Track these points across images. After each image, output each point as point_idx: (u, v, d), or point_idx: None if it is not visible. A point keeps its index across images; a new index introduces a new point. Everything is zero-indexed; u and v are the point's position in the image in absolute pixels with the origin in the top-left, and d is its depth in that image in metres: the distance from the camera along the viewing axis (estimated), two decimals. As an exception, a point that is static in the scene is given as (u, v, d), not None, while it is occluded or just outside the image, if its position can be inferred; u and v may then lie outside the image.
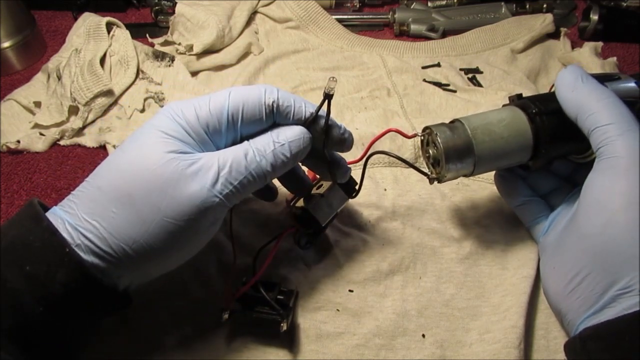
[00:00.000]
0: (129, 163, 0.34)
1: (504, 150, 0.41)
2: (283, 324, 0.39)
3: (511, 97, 0.44)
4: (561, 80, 0.41)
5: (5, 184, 0.55)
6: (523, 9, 0.77)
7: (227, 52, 0.68)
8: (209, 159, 0.34)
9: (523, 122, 0.41)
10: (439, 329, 0.43)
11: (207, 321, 0.42)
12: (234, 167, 0.34)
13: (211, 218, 0.35)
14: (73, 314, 0.33)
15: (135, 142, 0.35)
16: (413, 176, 0.53)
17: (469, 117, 0.42)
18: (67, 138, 0.59)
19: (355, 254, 0.47)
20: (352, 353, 0.41)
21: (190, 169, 0.33)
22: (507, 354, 0.41)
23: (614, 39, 0.74)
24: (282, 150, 0.36)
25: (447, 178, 0.41)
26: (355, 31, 0.74)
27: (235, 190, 0.35)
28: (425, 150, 0.43)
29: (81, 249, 0.32)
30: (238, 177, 0.34)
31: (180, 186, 0.33)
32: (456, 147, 0.40)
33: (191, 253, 0.37)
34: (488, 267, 0.46)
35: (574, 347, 0.36)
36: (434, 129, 0.41)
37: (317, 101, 0.38)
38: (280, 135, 0.36)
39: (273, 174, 0.36)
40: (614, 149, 0.36)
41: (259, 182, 0.36)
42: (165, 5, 0.75)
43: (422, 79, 0.65)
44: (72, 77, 0.60)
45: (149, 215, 0.33)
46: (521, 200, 0.46)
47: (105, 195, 0.33)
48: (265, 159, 0.35)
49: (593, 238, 0.37)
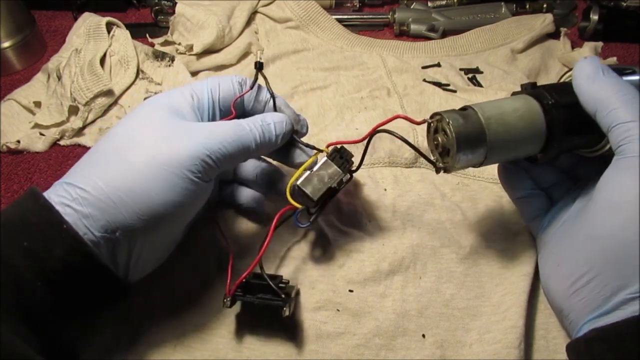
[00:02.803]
0: (125, 127, 0.37)
1: (517, 142, 0.39)
2: (285, 309, 0.39)
3: (524, 84, 0.42)
4: (579, 72, 0.38)
5: (5, 184, 0.55)
6: (523, 9, 0.77)
7: (227, 52, 0.68)
8: (203, 124, 0.38)
9: (538, 114, 0.39)
10: (439, 329, 0.43)
11: (207, 321, 0.42)
12: (227, 132, 0.38)
13: (202, 176, 0.36)
14: (72, 290, 0.33)
15: (129, 116, 0.39)
16: (413, 176, 0.53)
17: (482, 105, 0.39)
18: (67, 138, 0.59)
19: (355, 254, 0.47)
20: (352, 353, 0.41)
21: (185, 126, 0.37)
22: (507, 354, 0.41)
23: (614, 39, 0.74)
24: (269, 129, 0.40)
25: (456, 168, 0.39)
26: (355, 31, 0.74)
27: (223, 154, 0.37)
28: (433, 138, 0.40)
29: (78, 203, 0.33)
30: (228, 141, 0.37)
31: (174, 139, 0.36)
32: (468, 136, 0.37)
33: (185, 215, 0.38)
34: (488, 266, 0.46)
35: (578, 348, 0.36)
36: (446, 116, 0.38)
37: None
38: (267, 117, 0.41)
39: (258, 149, 0.40)
40: (635, 147, 0.35)
41: (244, 153, 0.39)
42: (165, 5, 0.75)
43: (422, 79, 0.65)
44: (72, 77, 0.60)
45: (144, 165, 0.35)
46: (523, 193, 0.45)
47: (102, 153, 0.36)
48: (253, 132, 0.39)
49: (607, 239, 0.35)
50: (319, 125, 0.58)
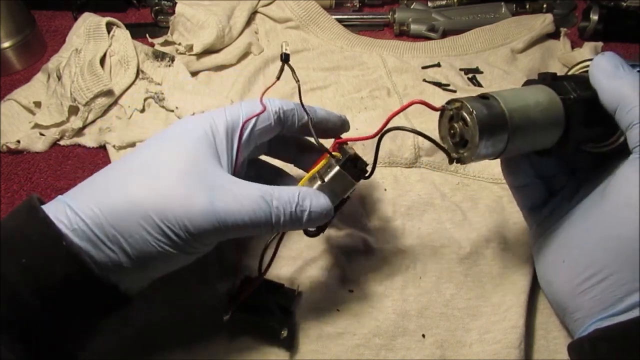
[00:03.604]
0: (147, 153, 0.35)
1: (536, 136, 0.37)
2: (283, 332, 0.39)
3: (543, 74, 0.40)
4: (598, 67, 0.37)
5: (5, 184, 0.55)
6: (523, 9, 0.77)
7: (227, 52, 0.68)
8: (228, 184, 0.35)
9: (559, 109, 0.37)
10: (439, 329, 0.43)
11: (207, 321, 0.42)
12: (251, 206, 0.34)
13: (204, 237, 0.34)
14: (70, 308, 0.32)
15: (158, 138, 0.36)
16: (413, 176, 0.53)
17: (503, 94, 0.36)
18: (67, 138, 0.59)
19: (355, 254, 0.47)
20: (352, 353, 0.41)
21: (208, 181, 0.34)
22: (507, 354, 0.41)
23: (614, 39, 0.74)
24: (300, 216, 0.36)
25: (472, 160, 0.36)
26: (355, 31, 0.74)
27: (235, 228, 0.34)
28: (449, 126, 0.37)
29: (77, 234, 0.32)
30: (248, 216, 0.34)
31: (189, 196, 0.33)
32: (490, 128, 0.35)
33: (181, 264, 0.36)
34: (488, 266, 0.46)
35: (582, 347, 0.35)
36: (468, 104, 0.35)
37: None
38: (306, 200, 0.36)
39: (277, 229, 0.36)
40: None
41: (260, 231, 0.35)
42: (165, 5, 0.75)
43: (422, 79, 0.65)
44: (72, 77, 0.60)
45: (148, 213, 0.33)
46: (524, 182, 0.43)
47: (111, 182, 0.34)
48: (279, 213, 0.35)
49: (624, 240, 0.34)
50: (319, 125, 0.58)
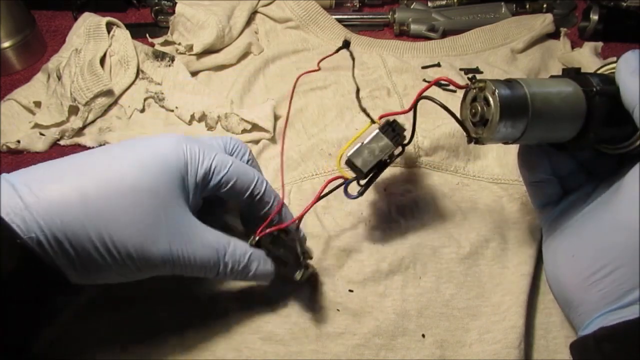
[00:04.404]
0: (120, 162, 0.35)
1: (556, 123, 0.37)
2: (298, 274, 0.40)
3: (567, 69, 0.41)
4: (625, 64, 0.37)
5: (5, 184, 0.55)
6: (523, 9, 0.77)
7: (227, 52, 0.68)
8: (190, 226, 0.37)
9: (581, 100, 0.38)
10: (439, 329, 0.43)
11: (207, 321, 0.42)
12: (204, 254, 0.37)
13: (153, 269, 0.36)
14: (18, 295, 0.32)
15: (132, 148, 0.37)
16: (413, 176, 0.53)
17: (526, 80, 0.37)
18: (67, 138, 0.59)
19: (355, 254, 0.47)
20: (352, 353, 0.41)
21: (167, 228, 0.35)
22: (507, 354, 0.41)
23: (614, 39, 0.74)
24: (245, 272, 0.39)
25: (491, 140, 0.37)
26: (355, 31, 0.74)
27: (185, 268, 0.37)
28: (471, 105, 0.38)
29: (31, 241, 0.31)
30: (199, 262, 0.37)
31: (148, 234, 0.34)
32: (512, 108, 0.35)
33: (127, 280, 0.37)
34: (488, 266, 0.47)
35: (586, 346, 0.35)
36: (492, 84, 0.36)
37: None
38: (254, 263, 0.40)
39: (223, 277, 0.39)
40: None
41: (202, 274, 0.38)
42: (165, 5, 0.75)
43: (422, 79, 0.65)
44: (72, 77, 0.60)
45: None
46: (540, 177, 0.43)
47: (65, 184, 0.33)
48: (227, 267, 0.38)
49: (635, 232, 0.34)
50: (319, 125, 0.58)
